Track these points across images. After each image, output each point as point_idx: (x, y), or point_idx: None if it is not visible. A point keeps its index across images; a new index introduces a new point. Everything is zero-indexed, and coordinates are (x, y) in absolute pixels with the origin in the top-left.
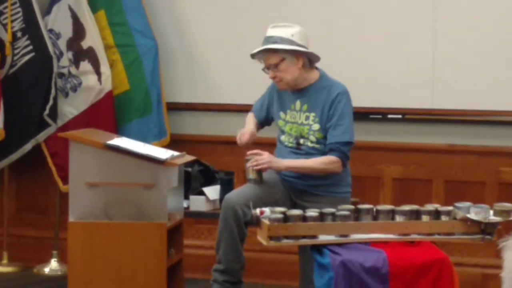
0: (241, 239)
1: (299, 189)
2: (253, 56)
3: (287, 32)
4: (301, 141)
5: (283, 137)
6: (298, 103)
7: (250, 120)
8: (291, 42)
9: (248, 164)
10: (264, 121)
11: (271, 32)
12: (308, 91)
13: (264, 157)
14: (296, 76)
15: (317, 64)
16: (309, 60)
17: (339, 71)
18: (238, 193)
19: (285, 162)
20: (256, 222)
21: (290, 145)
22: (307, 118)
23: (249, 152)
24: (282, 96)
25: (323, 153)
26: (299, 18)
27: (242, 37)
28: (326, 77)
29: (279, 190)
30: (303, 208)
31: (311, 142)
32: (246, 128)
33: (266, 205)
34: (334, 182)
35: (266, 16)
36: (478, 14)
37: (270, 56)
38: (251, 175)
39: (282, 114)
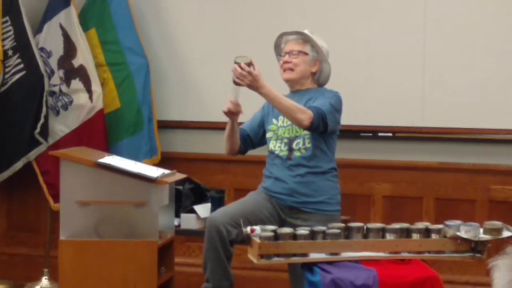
0: (227, 258)
1: (288, 206)
2: (282, 36)
3: (320, 41)
4: (294, 144)
5: (272, 146)
6: None
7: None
8: (321, 49)
9: (233, 68)
10: (253, 132)
11: (308, 32)
12: (304, 94)
13: (251, 77)
14: (304, 75)
15: None
16: (319, 76)
17: (330, 89)
18: (222, 212)
19: (267, 86)
20: (247, 240)
21: (281, 154)
22: None
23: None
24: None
25: (313, 160)
26: None
27: (234, 55)
28: (323, 88)
29: (266, 209)
30: (292, 226)
31: (303, 142)
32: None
33: (251, 224)
34: (325, 200)
35: (258, 36)
36: (469, 33)
37: (299, 43)
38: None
39: (274, 121)
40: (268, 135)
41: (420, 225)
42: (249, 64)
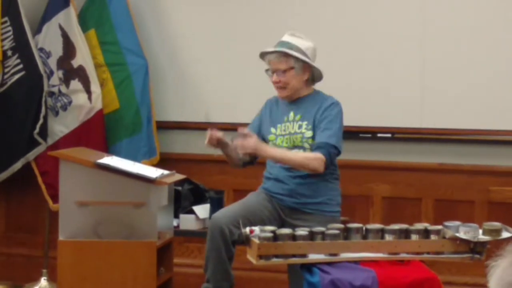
0: (229, 258)
1: (288, 206)
2: (263, 55)
3: (303, 44)
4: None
5: None
6: (291, 114)
7: None
8: (305, 55)
9: (234, 143)
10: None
11: (288, 38)
12: (302, 102)
13: (250, 142)
14: (298, 87)
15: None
16: (313, 77)
17: (329, 90)
18: (225, 212)
19: (270, 150)
20: (246, 241)
21: None
22: (299, 127)
23: (240, 129)
24: (273, 112)
25: None
26: None
27: (233, 56)
28: (320, 92)
29: (267, 209)
30: (292, 227)
31: (305, 150)
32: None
33: (252, 225)
34: (325, 201)
35: (257, 36)
36: (467, 34)
37: (282, 61)
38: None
39: (272, 129)
40: (269, 140)
41: (419, 226)
42: (244, 135)
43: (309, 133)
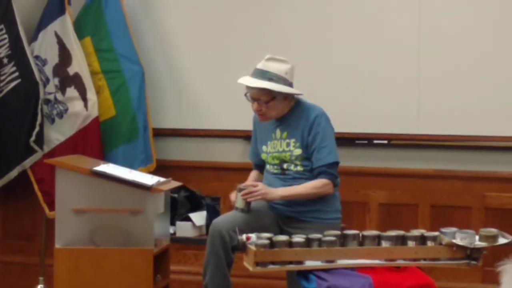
0: (228, 264)
1: (286, 215)
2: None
3: (282, 69)
4: (285, 165)
5: (268, 167)
6: (278, 131)
7: (250, 177)
8: (285, 80)
9: (241, 194)
10: (261, 160)
11: (267, 66)
12: (287, 119)
13: (258, 188)
14: (280, 112)
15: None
16: (292, 98)
17: (325, 96)
18: (226, 218)
19: (279, 192)
20: (242, 248)
21: (275, 171)
22: (288, 145)
23: (243, 184)
24: (262, 129)
25: (309, 174)
26: (286, 46)
27: (229, 63)
28: (301, 101)
29: (268, 216)
30: (291, 235)
31: (295, 165)
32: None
33: (254, 231)
34: (321, 208)
35: (252, 44)
36: (463, 41)
37: (263, 94)
38: (239, 204)
39: (264, 147)
40: (262, 158)
41: (416, 232)
42: (249, 186)
43: (298, 151)
